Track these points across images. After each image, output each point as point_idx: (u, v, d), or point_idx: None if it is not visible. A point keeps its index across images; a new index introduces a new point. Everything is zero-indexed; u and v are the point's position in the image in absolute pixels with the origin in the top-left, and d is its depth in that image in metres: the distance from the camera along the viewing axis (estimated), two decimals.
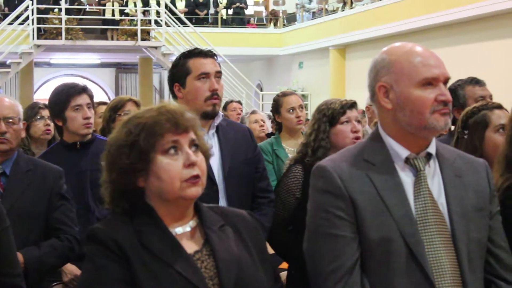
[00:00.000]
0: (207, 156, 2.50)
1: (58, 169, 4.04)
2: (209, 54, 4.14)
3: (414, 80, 2.57)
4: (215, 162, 4.08)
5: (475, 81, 4.81)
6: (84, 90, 4.59)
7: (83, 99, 4.55)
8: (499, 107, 3.76)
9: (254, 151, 4.32)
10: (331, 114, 4.30)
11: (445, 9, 17.60)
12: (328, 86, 23.63)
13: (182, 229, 2.45)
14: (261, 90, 28.03)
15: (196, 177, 2.39)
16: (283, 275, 4.73)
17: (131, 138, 2.38)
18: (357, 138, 4.24)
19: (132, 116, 2.45)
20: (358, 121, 4.35)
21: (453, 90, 4.70)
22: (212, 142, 4.12)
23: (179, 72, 4.11)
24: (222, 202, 4.05)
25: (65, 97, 4.52)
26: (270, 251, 4.84)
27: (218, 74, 4.11)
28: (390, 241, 2.52)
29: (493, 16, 16.53)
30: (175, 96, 4.16)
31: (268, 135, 7.11)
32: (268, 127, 7.80)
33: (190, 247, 2.43)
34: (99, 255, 2.33)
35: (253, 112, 7.80)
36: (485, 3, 16.19)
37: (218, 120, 4.15)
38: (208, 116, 4.08)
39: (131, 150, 2.37)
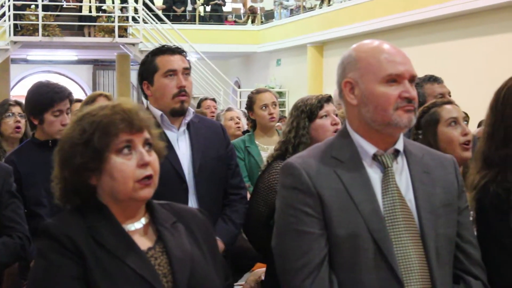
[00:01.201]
0: (160, 155, 2.50)
1: (7, 167, 3.99)
2: (177, 51, 4.12)
3: (378, 76, 2.58)
4: (186, 159, 4.06)
5: (433, 79, 4.83)
6: (68, 96, 4.56)
7: (65, 105, 4.51)
8: (449, 102, 3.78)
9: (226, 148, 4.29)
10: (309, 110, 4.28)
11: (422, 7, 17.63)
12: (305, 83, 23.63)
13: (134, 226, 2.45)
14: (239, 87, 28.00)
15: (149, 177, 2.40)
16: (260, 272, 4.73)
17: (85, 136, 2.37)
18: (337, 130, 4.23)
19: (85, 113, 2.43)
20: (336, 115, 4.35)
21: None
22: (183, 139, 4.11)
23: (147, 70, 4.10)
24: (192, 199, 4.03)
25: (49, 100, 4.47)
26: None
27: (186, 70, 4.08)
28: (358, 238, 2.53)
29: (470, 14, 16.58)
30: (145, 94, 4.15)
31: (245, 133, 7.11)
32: (244, 124, 7.77)
33: (143, 244, 2.43)
34: (52, 251, 2.31)
35: (229, 109, 7.75)
36: (462, 1, 16.24)
37: (189, 117, 4.13)
38: (177, 113, 4.06)
39: (85, 148, 2.36)
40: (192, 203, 4.02)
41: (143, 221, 2.48)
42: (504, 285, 2.76)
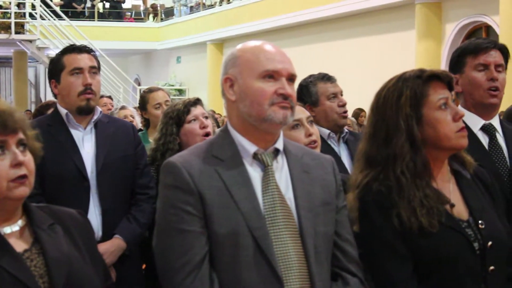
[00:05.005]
0: (36, 155, 2.48)
1: None
2: (84, 50, 4.19)
3: (256, 71, 2.63)
4: (89, 157, 4.11)
5: (326, 78, 4.77)
6: None
7: None
8: None
9: (135, 148, 4.33)
10: (177, 116, 4.33)
11: (321, 5, 17.89)
12: (206, 80, 23.69)
13: (10, 229, 2.42)
14: (139, 84, 27.88)
15: (23, 176, 2.37)
16: None
17: None
18: (206, 133, 4.27)
19: None
20: (206, 117, 4.37)
21: (305, 86, 4.70)
22: (89, 138, 4.15)
23: (55, 68, 4.17)
24: (94, 197, 4.09)
25: None
26: None
27: (93, 69, 4.15)
28: (238, 235, 2.55)
29: (366, 13, 16.91)
30: (54, 94, 4.22)
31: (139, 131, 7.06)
32: (138, 122, 7.72)
33: (19, 246, 2.41)
34: None
35: (122, 108, 7.66)
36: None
37: (96, 116, 4.18)
38: (83, 111, 4.12)
39: None
40: (94, 201, 4.08)
41: (19, 223, 2.45)
42: (386, 280, 2.81)
